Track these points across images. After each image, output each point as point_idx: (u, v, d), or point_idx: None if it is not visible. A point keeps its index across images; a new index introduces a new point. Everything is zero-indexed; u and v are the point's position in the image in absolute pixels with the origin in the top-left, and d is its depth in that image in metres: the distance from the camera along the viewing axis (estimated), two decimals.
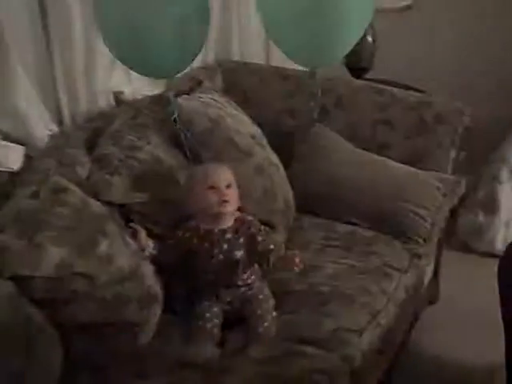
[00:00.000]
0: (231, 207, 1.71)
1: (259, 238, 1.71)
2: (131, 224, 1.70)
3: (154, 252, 1.70)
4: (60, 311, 1.50)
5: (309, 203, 2.13)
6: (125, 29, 1.55)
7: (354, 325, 1.68)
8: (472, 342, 2.06)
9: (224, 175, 1.73)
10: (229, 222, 1.72)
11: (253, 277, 1.73)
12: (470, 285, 1.92)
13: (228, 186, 1.71)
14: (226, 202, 1.68)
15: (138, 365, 1.55)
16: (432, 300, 2.38)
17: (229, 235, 1.70)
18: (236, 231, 1.71)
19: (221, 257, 1.69)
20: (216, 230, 1.70)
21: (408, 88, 2.51)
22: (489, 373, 1.88)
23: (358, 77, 2.78)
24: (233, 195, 1.72)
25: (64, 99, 1.95)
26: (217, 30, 2.51)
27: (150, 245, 1.69)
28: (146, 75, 1.86)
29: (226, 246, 1.69)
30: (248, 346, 1.58)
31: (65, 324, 1.51)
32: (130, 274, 1.58)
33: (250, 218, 1.76)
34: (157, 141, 1.89)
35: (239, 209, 1.79)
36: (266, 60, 2.79)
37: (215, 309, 1.66)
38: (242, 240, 1.70)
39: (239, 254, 1.69)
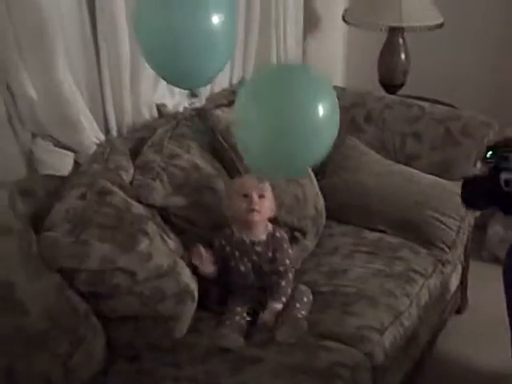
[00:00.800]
0: (260, 217, 1.80)
1: (278, 256, 1.80)
2: (196, 246, 1.78)
3: (211, 272, 1.79)
4: (102, 303, 1.63)
5: (339, 212, 2.23)
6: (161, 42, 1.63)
7: (376, 324, 1.77)
8: (497, 350, 2.11)
9: (258, 186, 1.82)
10: (261, 235, 1.82)
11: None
12: (498, 296, 1.98)
13: (260, 197, 1.81)
14: (254, 210, 1.79)
15: (172, 356, 1.66)
16: (460, 309, 2.45)
17: (259, 248, 1.80)
18: (267, 246, 1.81)
19: (250, 266, 1.80)
20: (247, 242, 1.81)
21: (439, 103, 2.59)
22: None
23: (392, 93, 2.87)
24: (264, 206, 1.81)
25: (111, 111, 2.09)
26: (255, 47, 2.64)
27: (210, 268, 1.78)
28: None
29: (255, 258, 1.80)
30: (277, 331, 1.67)
31: (106, 315, 1.64)
32: (167, 271, 1.69)
33: (279, 234, 1.84)
34: (195, 150, 2.02)
35: (274, 220, 1.90)
36: None
37: (243, 305, 1.76)
38: (270, 254, 1.81)
39: (268, 266, 1.80)
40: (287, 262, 1.82)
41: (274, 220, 1.90)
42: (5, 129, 1.79)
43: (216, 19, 1.59)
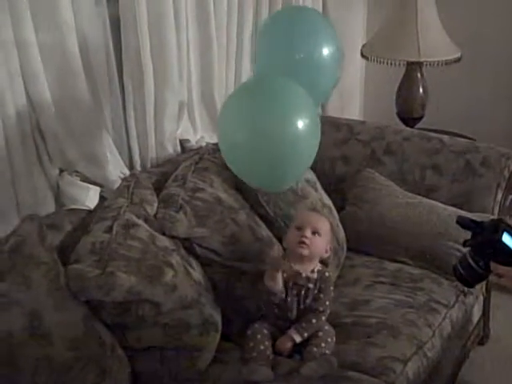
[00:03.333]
0: (308, 252, 1.82)
1: (321, 296, 1.82)
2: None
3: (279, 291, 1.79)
4: (128, 334, 1.65)
5: (360, 243, 2.26)
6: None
7: (399, 354, 1.77)
8: None
9: (314, 222, 1.86)
10: (313, 272, 1.84)
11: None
12: None
13: (314, 233, 1.84)
14: (302, 243, 1.81)
15: None
16: (482, 340, 2.44)
17: (311, 285, 1.83)
18: (316, 283, 1.83)
19: (295, 299, 1.81)
20: (304, 275, 1.83)
21: (458, 136, 2.62)
22: None
23: (410, 126, 2.90)
24: (315, 242, 1.83)
25: (135, 146, 2.15)
26: None
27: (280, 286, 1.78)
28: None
29: (303, 292, 1.82)
30: (300, 367, 1.68)
31: (131, 346, 1.66)
32: (191, 303, 1.71)
33: (327, 274, 1.87)
34: (218, 183, 2.05)
35: (323, 262, 1.93)
36: (320, 111, 2.96)
37: (265, 331, 1.78)
38: (316, 292, 1.83)
39: (309, 301, 1.82)
40: (327, 303, 1.83)
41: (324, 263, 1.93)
42: (34, 164, 1.85)
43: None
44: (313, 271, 1.85)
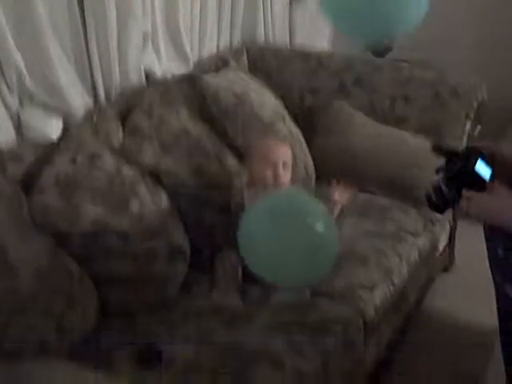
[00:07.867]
0: (283, 187, 1.82)
1: None
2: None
3: None
4: (95, 265, 1.64)
5: (330, 174, 2.24)
6: None
7: (367, 281, 1.79)
8: (483, 307, 2.14)
9: (283, 154, 1.85)
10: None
11: None
12: (484, 254, 2.00)
13: (284, 165, 1.83)
14: (278, 183, 1.81)
15: (166, 314, 1.67)
16: (447, 267, 2.48)
17: None
18: None
19: None
20: None
21: (427, 66, 2.59)
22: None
23: (379, 57, 2.86)
24: (286, 175, 1.83)
25: (98, 75, 2.06)
26: (242, 11, 2.62)
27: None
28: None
29: None
30: (270, 294, 1.70)
31: (99, 276, 1.65)
32: (159, 232, 1.71)
33: None
34: (185, 114, 2.02)
35: None
36: (289, 42, 2.91)
37: (233, 258, 1.77)
38: None
39: None
40: None
41: None
42: None
43: None
44: None
